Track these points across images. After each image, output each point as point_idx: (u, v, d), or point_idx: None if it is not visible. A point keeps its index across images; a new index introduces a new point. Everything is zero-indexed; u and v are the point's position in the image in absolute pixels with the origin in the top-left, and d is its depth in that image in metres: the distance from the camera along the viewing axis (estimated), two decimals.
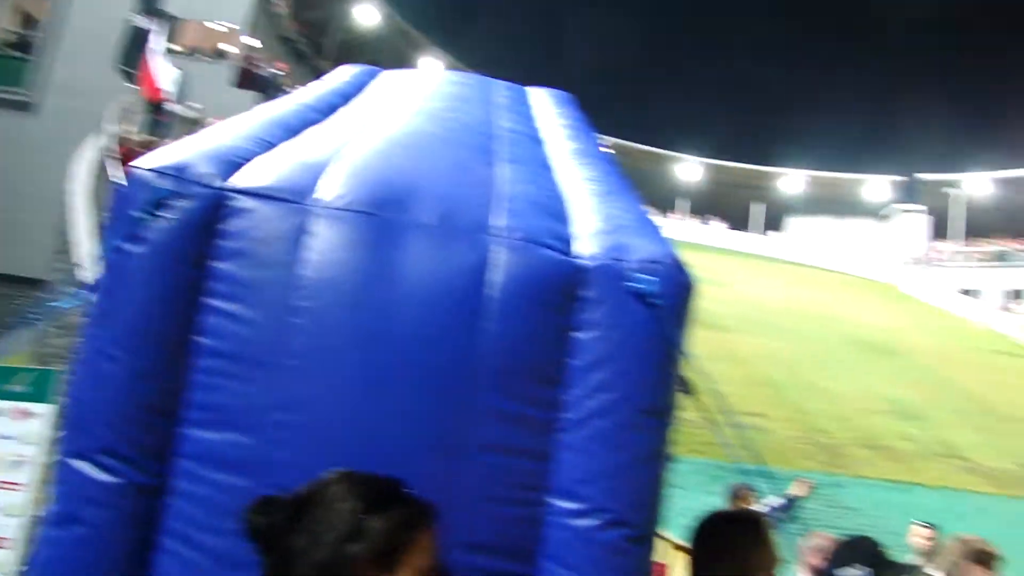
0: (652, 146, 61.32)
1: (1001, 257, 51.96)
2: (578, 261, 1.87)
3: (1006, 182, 54.33)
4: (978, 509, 18.48)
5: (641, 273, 1.83)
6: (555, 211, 2.06)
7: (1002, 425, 26.65)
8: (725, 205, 60.97)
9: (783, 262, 55.91)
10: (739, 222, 61.14)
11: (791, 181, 61.81)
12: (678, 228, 57.44)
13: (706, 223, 60.18)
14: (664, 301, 1.82)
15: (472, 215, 1.92)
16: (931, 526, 7.33)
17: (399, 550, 1.49)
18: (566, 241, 1.92)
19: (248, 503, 1.54)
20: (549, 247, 1.87)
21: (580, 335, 1.84)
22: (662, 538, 5.59)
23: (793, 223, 62.65)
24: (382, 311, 1.82)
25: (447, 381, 1.80)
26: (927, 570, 6.33)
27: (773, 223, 62.46)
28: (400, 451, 1.76)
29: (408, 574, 1.50)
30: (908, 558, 7.16)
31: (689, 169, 62.07)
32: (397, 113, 2.57)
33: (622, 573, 1.79)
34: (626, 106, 64.07)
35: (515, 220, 1.91)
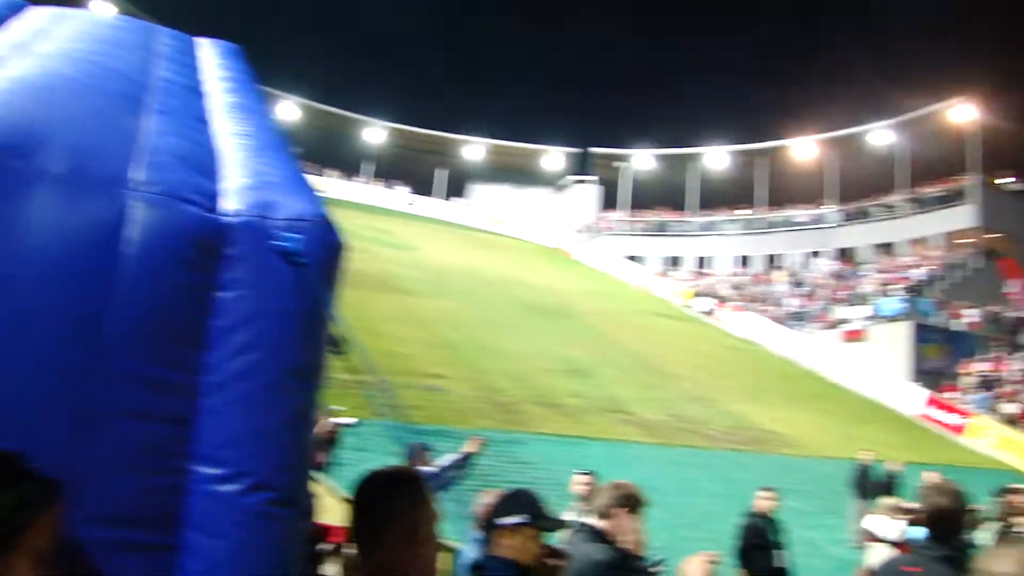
0: (340, 108, 60.46)
1: (661, 227, 56.24)
2: (222, 218, 1.77)
3: (667, 159, 58.70)
4: (637, 457, 19.81)
5: (287, 231, 1.76)
6: (202, 166, 1.93)
7: (659, 380, 28.88)
8: (410, 170, 61.53)
9: (465, 227, 57.27)
10: (423, 187, 61.92)
11: (474, 149, 63.25)
12: (363, 192, 57.37)
13: (391, 187, 60.45)
14: (310, 260, 1.76)
15: (108, 166, 1.75)
16: (589, 474, 7.83)
17: (15, 532, 1.36)
18: (212, 197, 1.81)
19: None
20: (191, 202, 1.75)
21: (223, 294, 1.74)
22: (342, 499, 5.55)
23: (476, 190, 64.28)
24: (1, 268, 1.63)
25: (77, 344, 1.64)
26: (584, 515, 6.77)
27: (456, 189, 63.78)
28: (23, 422, 1.60)
29: (25, 557, 1.38)
30: (570, 505, 7.62)
31: (375, 133, 61.78)
32: (32, 53, 2.29)
33: (267, 537, 1.74)
34: (316, 67, 62.85)
35: (156, 173, 1.77)
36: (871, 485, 16.02)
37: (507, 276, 41.93)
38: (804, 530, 15.84)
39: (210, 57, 2.96)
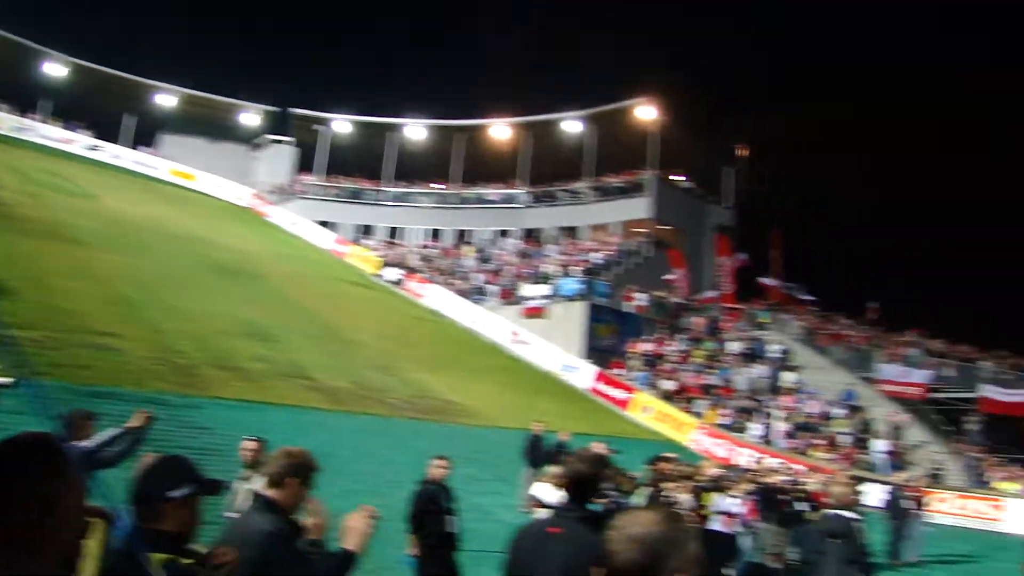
0: (15, 35, 54.13)
1: (356, 195, 56.03)
2: None
3: (367, 126, 58.43)
4: (318, 424, 19.77)
5: None
6: None
7: (343, 348, 28.90)
8: (94, 113, 56.95)
9: (152, 179, 54.41)
10: (109, 133, 57.66)
11: (166, 97, 59.71)
12: (38, 131, 53.04)
13: (71, 129, 55.90)
14: None
15: None
16: (258, 440, 7.66)
17: None
18: None
19: None
20: None
21: None
22: None
23: (166, 141, 60.90)
24: None
25: None
26: (253, 481, 6.63)
27: (145, 138, 60.08)
28: None
29: None
30: (240, 472, 7.45)
31: (56, 68, 56.48)
32: None
33: None
34: None
35: None
36: (542, 454, 16.87)
37: (194, 233, 40.26)
38: (478, 496, 16.48)
39: None
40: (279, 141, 61.86)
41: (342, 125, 58.84)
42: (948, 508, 24.87)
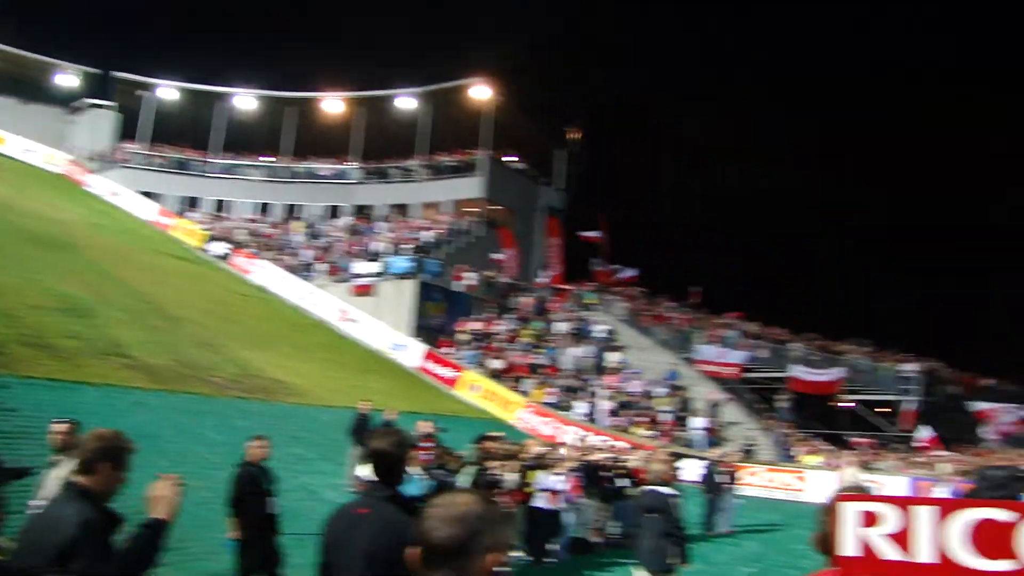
0: None
1: (182, 165, 54.04)
2: None
3: (194, 94, 56.31)
4: (137, 404, 19.11)
5: None
6: None
7: (165, 324, 27.90)
8: None
9: None
10: None
11: None
12: None
13: None
14: None
15: None
16: (70, 422, 7.35)
17: None
18: None
19: None
20: None
21: None
22: None
23: None
24: None
25: None
26: (63, 466, 6.37)
27: None
28: None
29: None
30: (51, 457, 7.14)
31: None
32: None
33: None
34: None
35: None
36: (368, 433, 16.86)
37: (1, 200, 37.93)
38: (303, 476, 16.37)
39: None
40: (99, 105, 58.81)
41: (168, 91, 56.44)
42: (758, 481, 26.27)
